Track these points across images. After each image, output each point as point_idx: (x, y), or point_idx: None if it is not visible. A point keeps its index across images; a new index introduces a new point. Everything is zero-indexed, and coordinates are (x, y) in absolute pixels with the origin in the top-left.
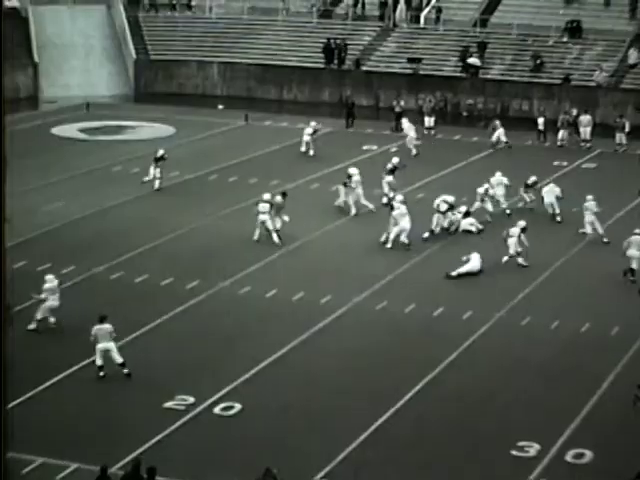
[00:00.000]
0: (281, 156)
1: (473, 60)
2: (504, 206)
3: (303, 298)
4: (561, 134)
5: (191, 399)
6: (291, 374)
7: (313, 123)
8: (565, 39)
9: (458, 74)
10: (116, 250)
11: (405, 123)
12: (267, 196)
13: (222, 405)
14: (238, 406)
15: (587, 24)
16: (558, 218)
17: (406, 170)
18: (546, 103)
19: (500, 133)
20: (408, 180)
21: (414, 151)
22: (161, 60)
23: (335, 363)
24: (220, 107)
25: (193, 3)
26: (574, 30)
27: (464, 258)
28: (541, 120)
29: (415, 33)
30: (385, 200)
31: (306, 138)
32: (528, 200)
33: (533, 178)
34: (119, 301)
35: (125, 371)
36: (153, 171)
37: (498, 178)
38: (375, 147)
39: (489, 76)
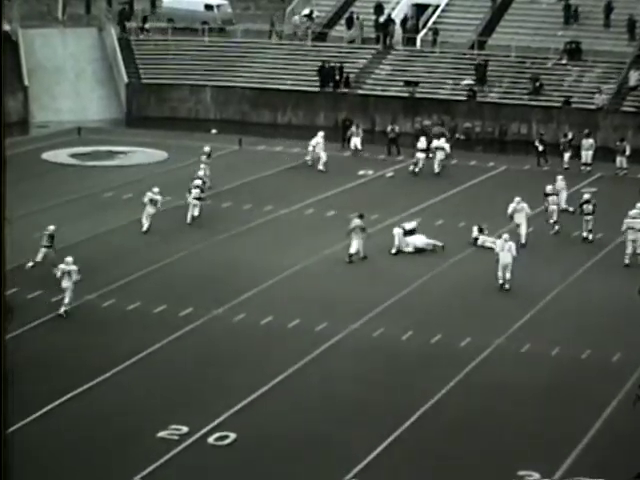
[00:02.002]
0: (275, 181)
1: (468, 82)
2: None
3: (299, 325)
4: (567, 157)
5: (185, 428)
6: (287, 403)
7: (321, 133)
8: (564, 61)
9: (455, 97)
10: (108, 277)
11: (438, 142)
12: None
13: (216, 435)
14: (233, 436)
15: (586, 45)
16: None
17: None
18: (545, 127)
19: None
20: (403, 206)
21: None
22: (153, 84)
23: (332, 391)
24: (213, 131)
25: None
26: (573, 52)
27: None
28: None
29: (411, 55)
30: (394, 250)
31: (310, 149)
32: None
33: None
34: (111, 329)
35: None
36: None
37: (560, 183)
38: (371, 172)
39: (487, 99)
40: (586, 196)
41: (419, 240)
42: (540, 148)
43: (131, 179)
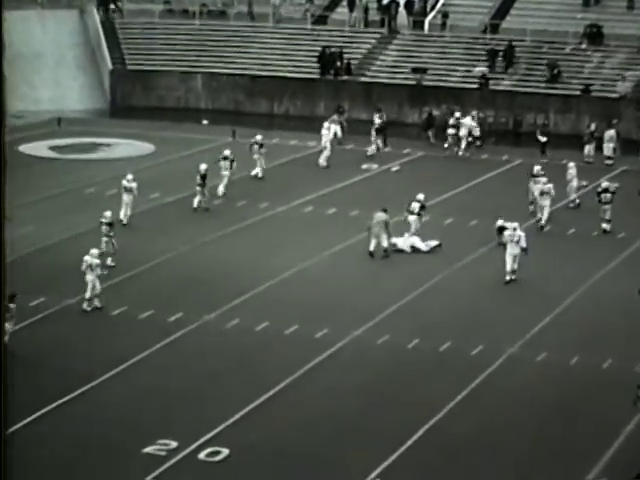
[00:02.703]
0: (272, 176)
1: (480, 70)
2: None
3: (297, 332)
4: (587, 150)
5: (173, 443)
6: (284, 416)
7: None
8: (584, 46)
9: (466, 85)
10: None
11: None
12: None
13: (207, 450)
14: (225, 451)
15: (608, 29)
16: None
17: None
18: (563, 117)
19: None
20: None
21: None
22: (139, 70)
23: (332, 403)
24: (204, 122)
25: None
26: (594, 36)
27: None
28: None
29: (419, 40)
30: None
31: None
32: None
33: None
34: (94, 335)
35: None
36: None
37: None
38: (375, 166)
39: (500, 87)
40: (605, 184)
41: (415, 242)
42: (542, 139)
43: (115, 174)
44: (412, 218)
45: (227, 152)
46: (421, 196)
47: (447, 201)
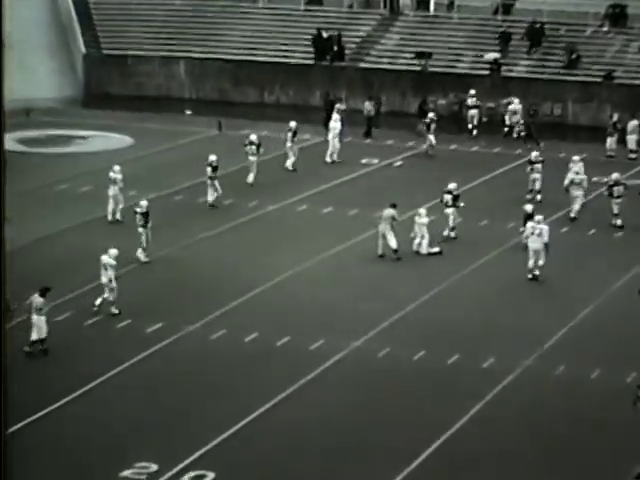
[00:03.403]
0: (262, 171)
1: (491, 55)
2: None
3: (289, 343)
4: (609, 143)
5: (154, 466)
6: (275, 435)
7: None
8: (606, 28)
9: (476, 72)
10: (62, 286)
11: None
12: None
13: (192, 474)
14: (211, 475)
15: (633, 9)
16: None
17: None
18: (583, 106)
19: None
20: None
21: None
22: (116, 55)
23: (329, 423)
24: (188, 112)
25: None
26: (617, 17)
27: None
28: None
29: (424, 22)
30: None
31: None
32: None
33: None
34: (67, 347)
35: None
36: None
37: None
38: (376, 161)
39: (514, 74)
40: (615, 175)
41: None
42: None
43: (90, 169)
44: (449, 211)
45: (253, 137)
46: (452, 185)
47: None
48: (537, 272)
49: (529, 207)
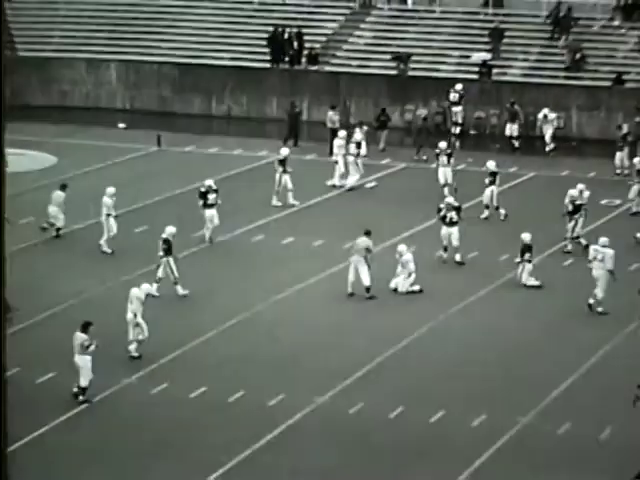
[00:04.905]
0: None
1: (480, 55)
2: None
3: (244, 398)
4: (618, 158)
5: None
6: None
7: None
8: (617, 22)
9: (462, 75)
10: None
11: None
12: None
13: None
14: None
15: None
16: None
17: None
18: (589, 114)
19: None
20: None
21: None
22: (35, 57)
23: None
24: (121, 126)
25: None
26: (629, 9)
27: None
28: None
29: (400, 17)
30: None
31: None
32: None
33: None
34: None
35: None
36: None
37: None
38: (344, 182)
39: (507, 77)
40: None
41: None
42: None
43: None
44: (452, 230)
45: (285, 151)
46: (450, 199)
47: (436, 227)
48: (591, 301)
49: (527, 236)
